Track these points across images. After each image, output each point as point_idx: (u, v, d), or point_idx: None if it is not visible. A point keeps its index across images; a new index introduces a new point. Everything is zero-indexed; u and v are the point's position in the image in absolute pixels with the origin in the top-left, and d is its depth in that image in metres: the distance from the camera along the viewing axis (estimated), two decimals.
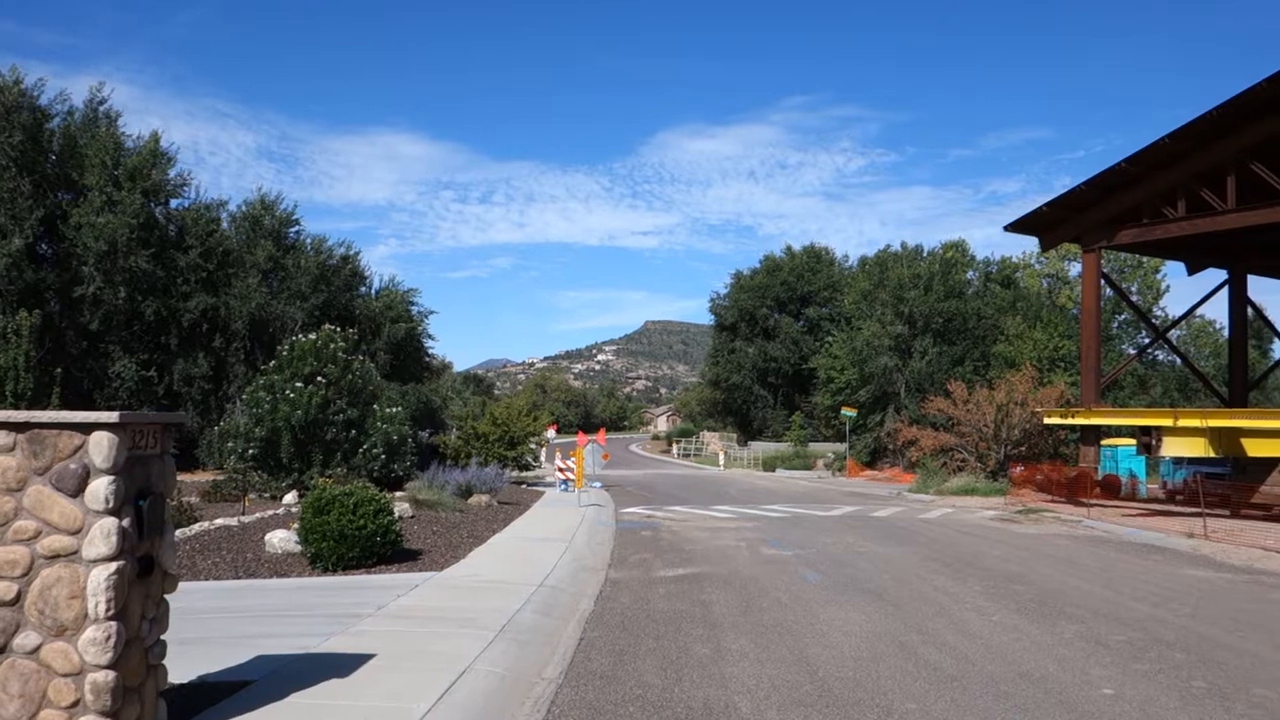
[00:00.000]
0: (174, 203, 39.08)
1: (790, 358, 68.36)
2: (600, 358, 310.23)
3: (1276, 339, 41.61)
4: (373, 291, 45.21)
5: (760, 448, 60.84)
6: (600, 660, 8.55)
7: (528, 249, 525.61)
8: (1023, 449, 33.86)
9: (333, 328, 25.86)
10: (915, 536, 18.94)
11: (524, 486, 30.86)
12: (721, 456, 60.64)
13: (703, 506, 25.84)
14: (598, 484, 32.06)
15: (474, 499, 22.28)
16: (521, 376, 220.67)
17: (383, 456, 24.32)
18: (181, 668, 6.88)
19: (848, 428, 48.09)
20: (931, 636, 9.62)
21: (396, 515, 14.05)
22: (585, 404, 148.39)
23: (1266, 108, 23.43)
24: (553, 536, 16.97)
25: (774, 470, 51.00)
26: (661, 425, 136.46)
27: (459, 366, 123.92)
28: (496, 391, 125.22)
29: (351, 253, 44.34)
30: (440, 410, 47.58)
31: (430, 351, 50.06)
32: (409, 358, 44.89)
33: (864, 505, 26.92)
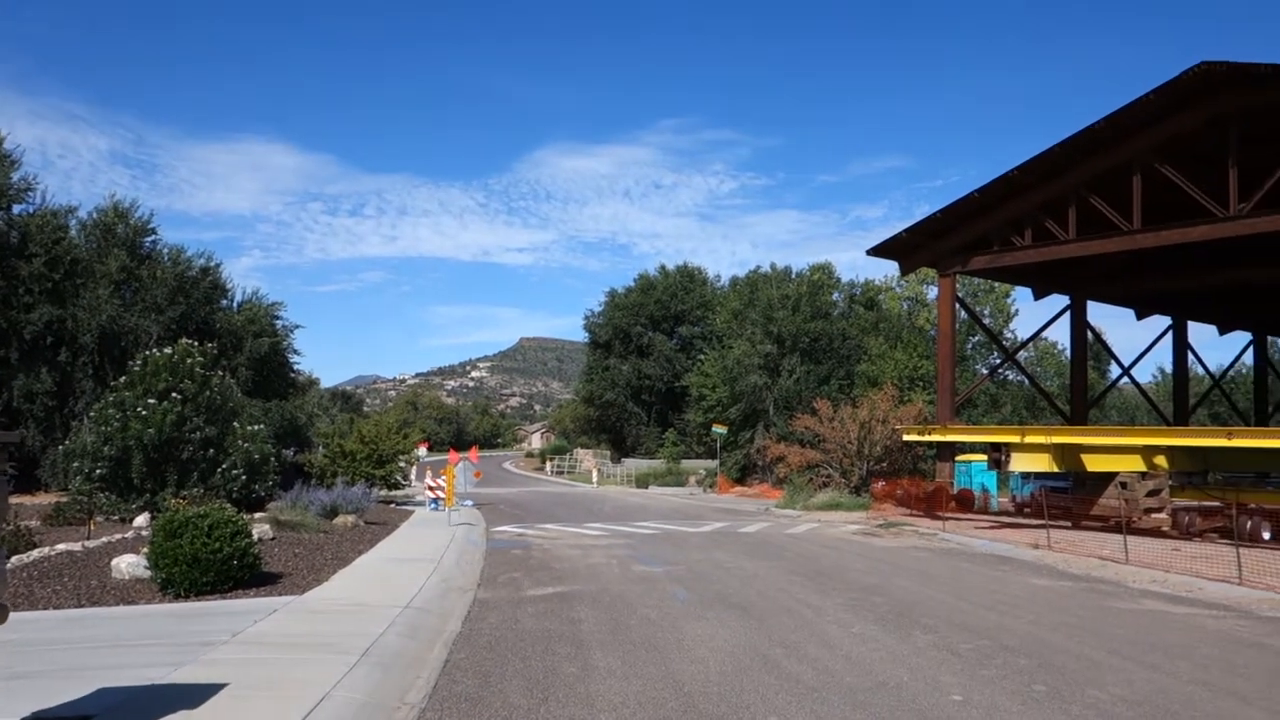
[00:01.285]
0: (16, 208, 36.79)
1: (663, 375, 69.07)
2: (474, 374, 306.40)
3: (1113, 361, 44.46)
4: (234, 305, 43.51)
5: (634, 465, 61.16)
6: (466, 683, 8.44)
7: (400, 263, 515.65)
8: (884, 465, 35.10)
9: (190, 342, 24.77)
10: (782, 551, 19.39)
11: (393, 506, 30.18)
12: (595, 474, 60.72)
13: (575, 524, 25.81)
14: (469, 502, 31.63)
15: (339, 519, 21.67)
16: (393, 393, 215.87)
17: (243, 476, 23.39)
18: (14, 704, 6.47)
19: (719, 445, 48.86)
20: (794, 649, 9.87)
21: (256, 538, 13.55)
22: (458, 421, 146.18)
23: (1103, 145, 25.11)
24: (421, 557, 16.66)
25: (647, 487, 51.34)
26: (535, 442, 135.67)
27: (327, 383, 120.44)
28: (366, 408, 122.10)
29: (212, 264, 42.57)
30: (306, 428, 46.13)
31: (296, 367, 48.47)
32: (273, 373, 43.35)
33: (733, 521, 27.39)
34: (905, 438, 31.48)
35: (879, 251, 30.75)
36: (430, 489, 29.11)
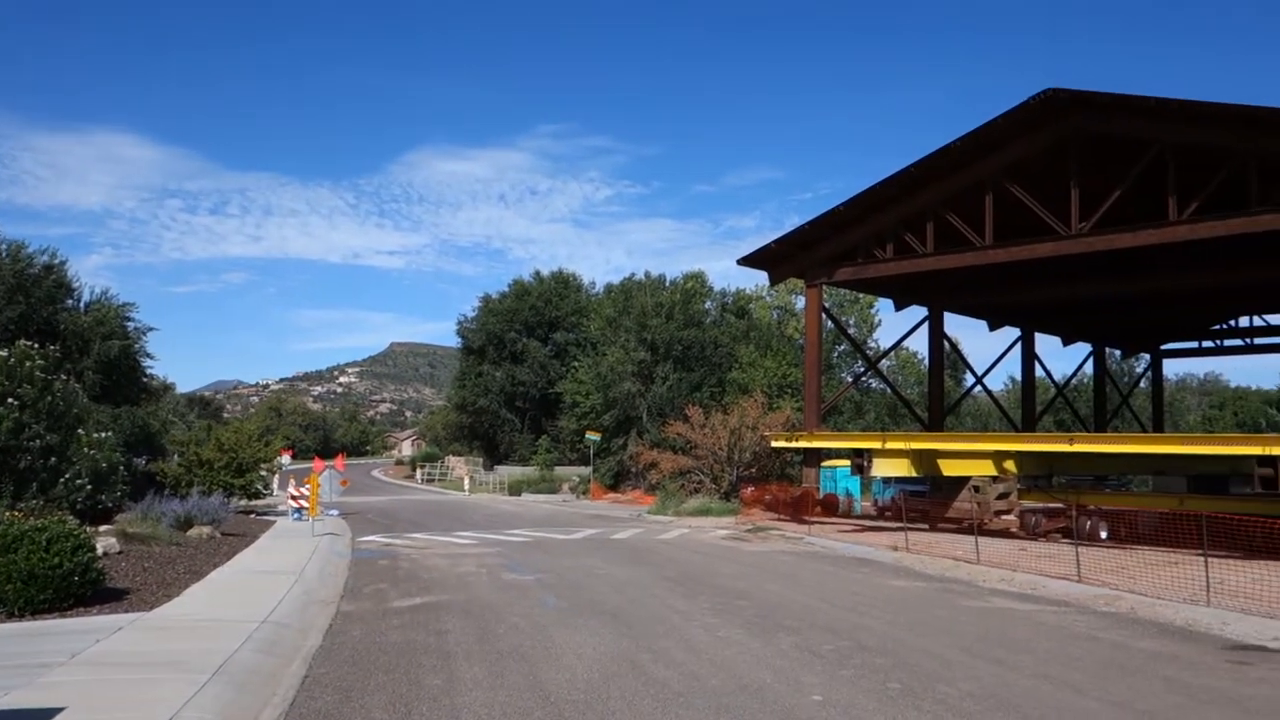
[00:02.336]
0: None
1: (538, 382, 68.74)
2: (342, 380, 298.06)
3: (968, 370, 46.55)
4: (81, 305, 41.03)
5: (506, 472, 60.64)
6: (325, 698, 8.20)
7: (265, 265, 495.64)
8: (753, 470, 35.85)
9: (30, 344, 23.27)
10: (653, 557, 19.56)
11: (253, 516, 29.04)
12: (467, 481, 59.93)
13: (445, 533, 25.41)
14: (334, 512, 30.74)
15: (194, 531, 20.74)
16: (255, 399, 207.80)
17: (88, 486, 22.07)
18: None
19: (592, 451, 48.94)
20: (662, 655, 9.97)
21: (101, 551, 12.86)
22: (324, 428, 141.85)
23: (959, 165, 26.33)
24: (281, 569, 16.10)
25: (520, 494, 50.98)
26: (406, 450, 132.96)
27: (184, 388, 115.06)
28: (226, 415, 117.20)
29: (57, 261, 39.98)
30: (160, 435, 43.83)
31: (149, 371, 46.01)
32: (123, 378, 41.06)
33: (606, 528, 27.47)
34: (773, 444, 32.22)
35: (749, 261, 31.41)
36: (293, 498, 28.12)
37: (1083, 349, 45.12)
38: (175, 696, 7.45)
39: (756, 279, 78.02)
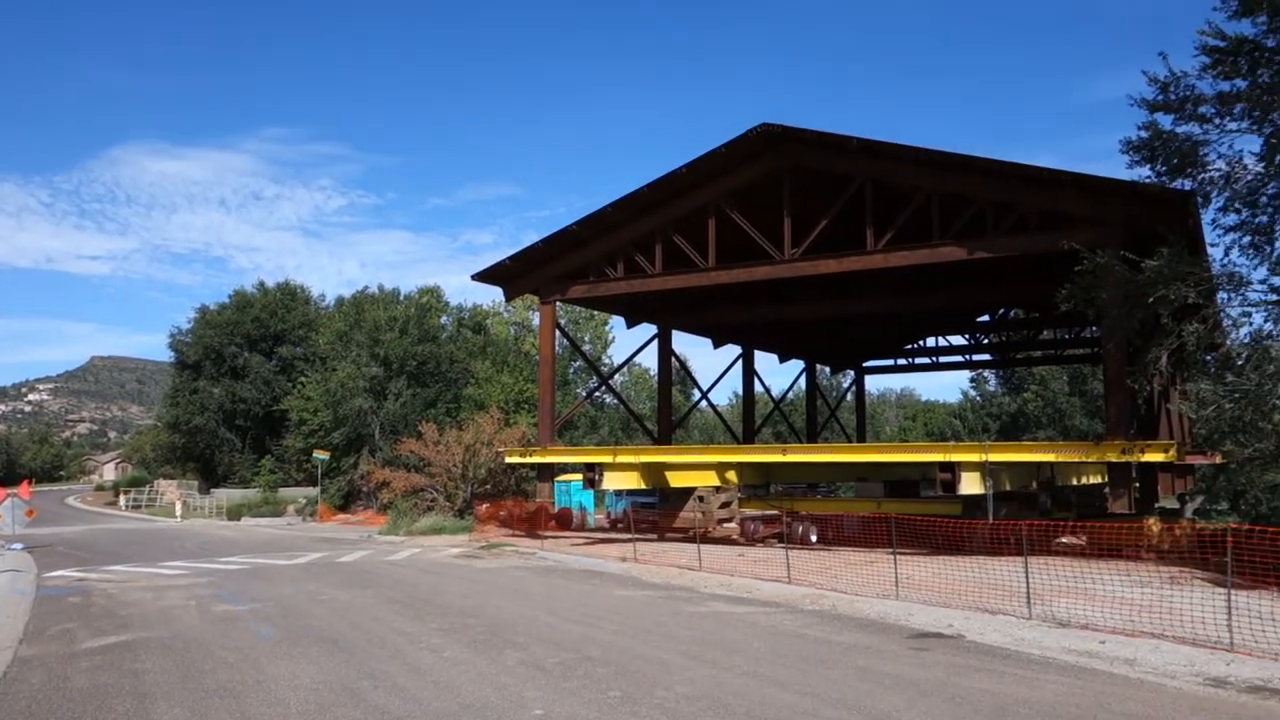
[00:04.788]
0: None
1: (261, 399, 64.90)
2: (32, 397, 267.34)
3: (695, 386, 48.79)
4: None
5: (225, 495, 56.71)
6: None
7: None
8: (488, 487, 35.69)
9: None
10: (380, 579, 18.96)
11: None
12: (179, 506, 55.51)
13: (150, 564, 23.35)
14: (17, 546, 27.49)
15: None
16: None
17: None
18: None
19: (320, 471, 46.80)
20: (383, 680, 9.69)
21: None
22: (9, 452, 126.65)
23: (685, 190, 27.60)
24: None
25: (240, 519, 47.86)
26: (109, 474, 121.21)
27: None
28: None
29: None
30: None
31: None
32: None
33: (333, 550, 26.33)
34: (508, 460, 32.23)
35: (484, 277, 31.31)
36: None
37: (797, 365, 48.51)
38: None
39: (494, 295, 77.99)
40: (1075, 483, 28.12)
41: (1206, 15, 27.47)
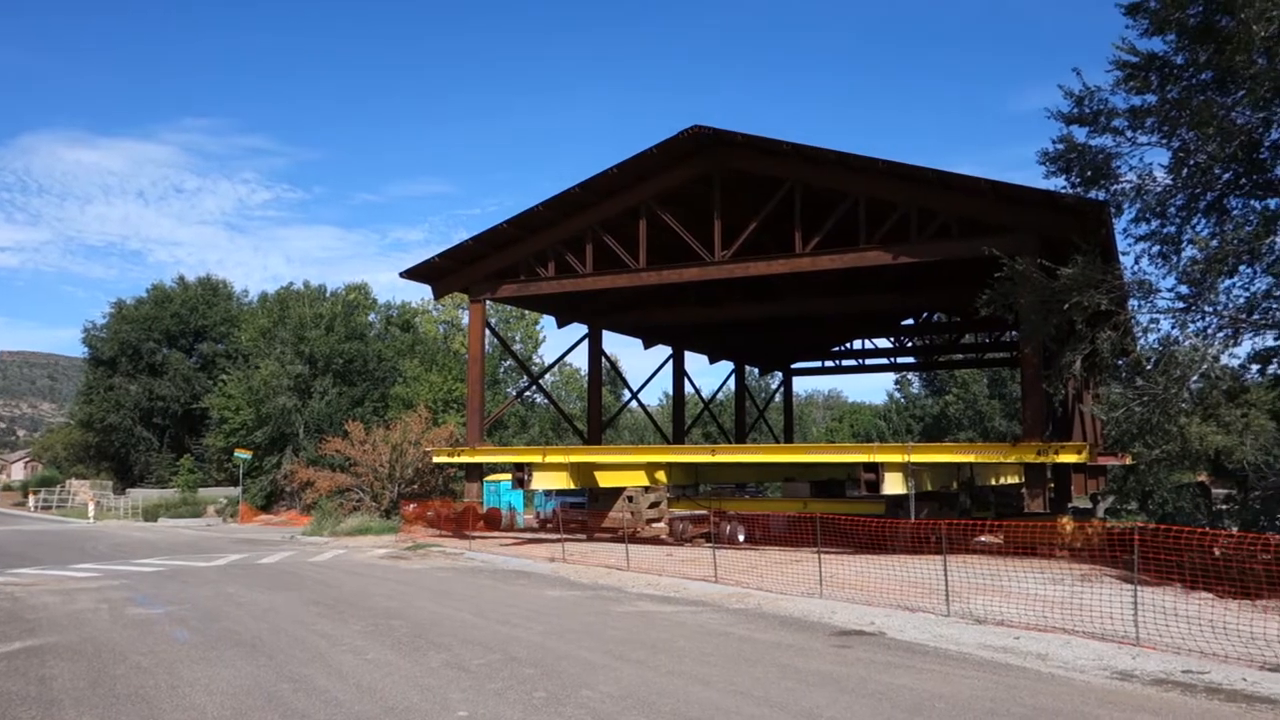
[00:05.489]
0: None
1: (180, 396, 63.27)
2: None
3: (625, 386, 48.91)
4: None
5: (142, 495, 55.16)
6: None
7: None
8: (416, 487, 35.29)
9: None
10: (303, 581, 18.62)
11: None
12: (92, 507, 53.72)
13: (60, 566, 22.57)
14: None
15: None
16: None
17: None
18: None
19: (242, 471, 45.81)
20: (304, 684, 9.52)
21: None
22: None
23: (617, 190, 27.65)
24: None
25: (157, 520, 46.59)
26: (18, 473, 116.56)
27: None
28: None
29: None
30: None
31: None
32: None
33: (254, 552, 25.77)
34: (436, 459, 31.92)
35: (413, 275, 30.96)
36: None
37: (727, 367, 48.95)
38: None
39: (423, 292, 77.37)
40: (994, 483, 28.88)
41: (1122, 32, 28.48)
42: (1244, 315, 17.66)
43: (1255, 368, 19.06)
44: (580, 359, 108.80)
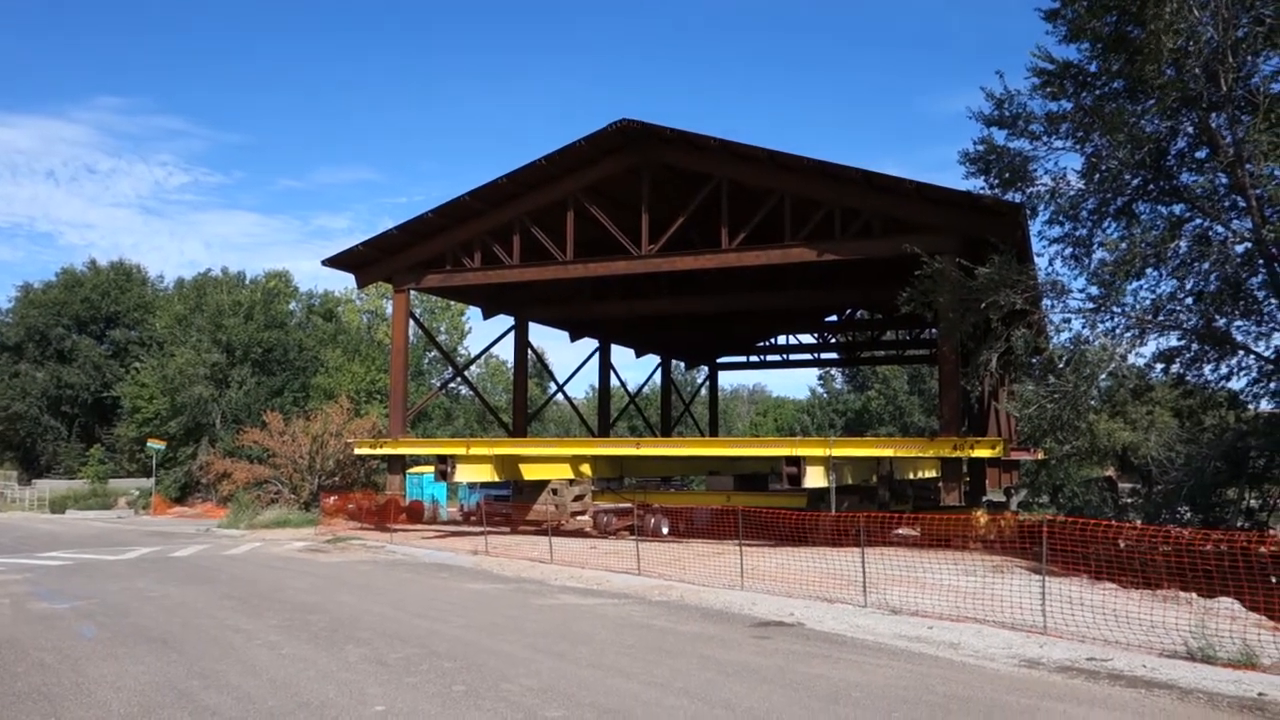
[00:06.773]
0: None
1: (90, 384, 61.08)
2: None
3: (551, 378, 48.76)
4: None
5: (48, 486, 53.18)
6: None
7: None
8: (337, 479, 34.71)
9: None
10: (217, 575, 18.18)
11: None
12: None
13: None
14: None
15: None
16: None
17: None
18: None
19: (155, 462, 44.45)
20: (216, 680, 9.30)
21: None
22: None
23: (545, 181, 27.48)
24: None
25: (64, 511, 44.99)
26: None
27: None
28: None
29: None
30: None
31: None
32: None
33: (167, 545, 25.08)
34: (358, 451, 31.41)
35: (335, 263, 30.37)
36: None
37: (653, 360, 49.06)
38: None
39: (346, 281, 76.01)
40: (912, 477, 29.52)
41: (1040, 39, 29.30)
42: (1150, 316, 18.35)
43: (1159, 367, 19.86)
44: (506, 351, 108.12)
